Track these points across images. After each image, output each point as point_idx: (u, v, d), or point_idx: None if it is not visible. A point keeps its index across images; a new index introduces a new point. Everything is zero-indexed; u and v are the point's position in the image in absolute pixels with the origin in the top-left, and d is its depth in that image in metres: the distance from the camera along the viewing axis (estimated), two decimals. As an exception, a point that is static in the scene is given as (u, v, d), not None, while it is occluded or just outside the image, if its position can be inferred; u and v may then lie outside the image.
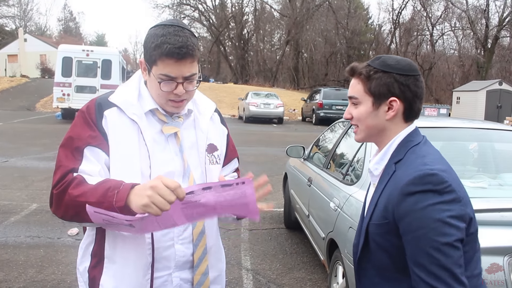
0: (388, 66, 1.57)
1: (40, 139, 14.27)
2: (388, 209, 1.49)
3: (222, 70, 58.94)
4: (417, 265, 1.41)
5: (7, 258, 5.05)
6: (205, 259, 1.81)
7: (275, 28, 55.91)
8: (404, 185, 1.43)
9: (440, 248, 1.38)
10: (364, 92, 1.60)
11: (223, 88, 35.34)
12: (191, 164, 1.77)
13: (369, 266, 1.62)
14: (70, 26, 75.22)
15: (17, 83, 34.12)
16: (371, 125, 1.61)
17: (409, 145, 1.57)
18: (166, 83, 1.63)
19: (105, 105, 1.70)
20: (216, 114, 1.95)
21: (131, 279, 1.69)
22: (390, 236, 1.50)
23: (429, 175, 1.42)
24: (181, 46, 1.58)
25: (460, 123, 4.16)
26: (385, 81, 1.56)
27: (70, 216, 1.57)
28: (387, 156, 1.61)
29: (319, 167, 4.92)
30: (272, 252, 5.54)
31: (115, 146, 1.66)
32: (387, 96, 1.57)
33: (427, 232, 1.38)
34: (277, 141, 16.14)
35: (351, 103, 1.65)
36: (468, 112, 26.08)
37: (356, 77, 1.63)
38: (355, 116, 1.63)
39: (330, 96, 24.52)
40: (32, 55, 45.44)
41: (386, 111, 1.59)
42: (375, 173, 1.64)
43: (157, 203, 1.38)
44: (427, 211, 1.39)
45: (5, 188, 8.14)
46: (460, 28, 43.07)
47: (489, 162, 3.91)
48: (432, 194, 1.40)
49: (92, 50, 20.23)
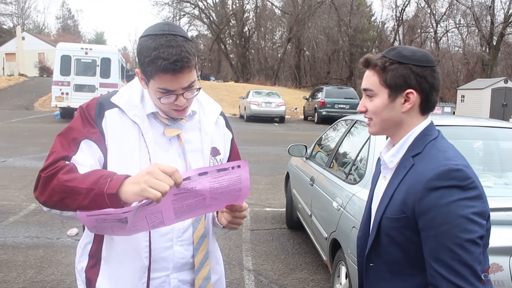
0: (404, 57, 1.53)
1: (38, 138, 14.24)
2: (407, 203, 1.46)
3: (223, 68, 58.97)
4: (437, 261, 1.39)
5: (6, 259, 5.01)
6: (207, 263, 1.78)
7: (276, 26, 55.86)
8: (429, 180, 1.41)
9: (463, 245, 1.36)
10: (380, 84, 1.56)
11: (224, 87, 35.35)
12: (196, 167, 1.72)
13: (379, 261, 1.59)
14: (68, 24, 75.23)
15: (15, 82, 34.14)
16: (386, 118, 1.57)
17: (427, 139, 1.54)
18: (166, 96, 1.60)
19: (107, 105, 1.68)
20: (221, 117, 1.92)
21: (126, 281, 1.66)
22: (406, 230, 1.48)
23: (454, 171, 1.41)
24: (175, 60, 1.51)
25: (465, 121, 4.09)
26: (401, 73, 1.53)
27: (54, 202, 1.50)
28: (404, 149, 1.57)
29: (322, 166, 4.86)
30: (274, 253, 5.48)
31: (115, 146, 1.63)
32: (404, 88, 1.53)
33: (450, 228, 1.37)
34: (278, 140, 16.11)
35: (366, 96, 1.61)
36: (473, 111, 26.00)
37: (371, 69, 1.58)
38: (370, 109, 1.59)
39: (333, 95, 24.47)
40: (30, 53, 45.55)
41: (402, 103, 1.55)
42: (390, 166, 1.60)
43: (154, 185, 1.32)
44: (451, 207, 1.38)
45: (3, 188, 8.10)
46: (465, 25, 43.00)
47: (494, 160, 3.87)
48: (457, 190, 1.39)
49: (91, 48, 20.19)
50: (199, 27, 57.55)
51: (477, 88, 27.96)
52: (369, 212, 1.72)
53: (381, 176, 1.70)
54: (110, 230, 1.44)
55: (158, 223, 1.49)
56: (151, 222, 1.47)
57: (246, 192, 1.52)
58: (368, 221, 1.71)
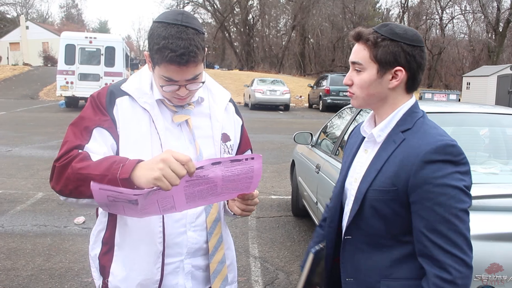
0: (396, 34, 1.56)
1: (44, 127, 14.29)
2: (399, 176, 1.49)
3: (227, 56, 58.78)
4: (434, 231, 1.44)
5: (14, 247, 5.06)
6: (221, 248, 1.80)
7: (280, 13, 55.49)
8: (426, 153, 1.46)
9: (458, 214, 1.44)
10: (370, 59, 1.57)
11: (228, 75, 35.26)
12: (207, 153, 1.75)
13: (358, 233, 1.61)
14: (72, 13, 74.91)
15: (20, 71, 34.13)
16: (372, 93, 1.60)
17: (415, 116, 1.59)
18: (169, 85, 1.61)
19: (117, 93, 1.70)
20: (230, 104, 1.92)
21: (141, 266, 1.69)
22: (393, 203, 1.51)
23: (450, 146, 1.47)
24: (182, 53, 1.52)
25: (471, 108, 4.07)
26: (392, 50, 1.55)
27: (69, 190, 1.52)
28: (392, 124, 1.61)
29: (327, 154, 4.87)
30: (280, 240, 5.51)
31: (126, 134, 1.65)
32: (393, 65, 1.56)
33: (447, 199, 1.43)
34: (283, 128, 16.10)
35: (353, 69, 1.63)
36: (479, 98, 25.83)
37: (361, 43, 1.60)
38: (357, 82, 1.61)
39: (337, 82, 24.33)
40: (34, 42, 45.49)
41: (389, 79, 1.58)
42: (378, 140, 1.62)
43: (168, 176, 1.34)
44: (447, 179, 1.44)
45: (10, 177, 8.15)
46: (471, 12, 42.62)
47: (500, 147, 3.86)
48: (451, 164, 1.46)
49: (95, 37, 20.16)
50: (203, 15, 57.21)
51: (483, 75, 27.76)
52: (342, 185, 1.74)
53: (361, 149, 1.72)
54: (121, 210, 1.45)
55: (169, 207, 1.50)
56: (162, 206, 1.48)
57: (257, 182, 1.53)
58: (340, 193, 1.74)
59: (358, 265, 1.63)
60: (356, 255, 1.63)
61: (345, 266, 1.68)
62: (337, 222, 1.75)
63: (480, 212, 2.64)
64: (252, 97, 23.83)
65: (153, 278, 1.70)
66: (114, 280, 1.73)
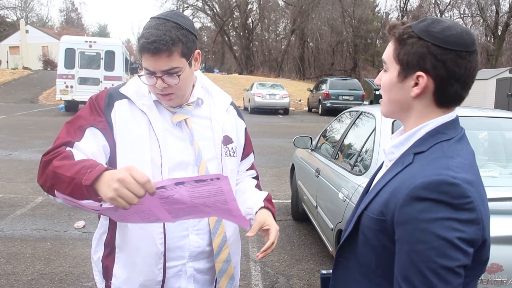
0: (427, 32, 1.26)
1: (43, 131, 14.29)
2: (389, 206, 1.22)
3: (227, 60, 58.86)
4: (405, 280, 1.17)
5: (14, 251, 5.06)
6: (226, 247, 1.81)
7: (280, 17, 55.64)
8: (415, 187, 1.16)
9: (438, 272, 1.13)
10: (393, 57, 1.32)
11: (227, 79, 35.30)
12: (207, 155, 1.77)
13: (352, 258, 1.38)
14: (72, 17, 75.07)
15: (20, 75, 34.16)
16: (394, 99, 1.34)
17: (438, 138, 1.28)
18: (147, 76, 1.65)
19: (116, 96, 1.72)
20: (232, 107, 1.94)
21: (142, 268, 1.70)
22: (382, 235, 1.25)
23: (448, 184, 1.15)
24: (153, 41, 1.57)
25: (470, 112, 4.08)
26: (416, 50, 1.26)
27: (47, 187, 1.51)
28: (409, 142, 1.33)
29: (327, 158, 4.88)
30: (280, 244, 5.51)
31: (124, 136, 1.68)
32: (415, 68, 1.27)
33: (427, 249, 1.13)
34: (283, 132, 16.11)
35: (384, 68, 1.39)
36: (478, 101, 25.80)
37: (391, 38, 1.34)
38: (382, 83, 1.37)
39: (337, 86, 24.39)
40: (34, 46, 45.53)
41: (412, 86, 1.29)
42: (390, 157, 1.38)
43: (124, 196, 1.28)
44: (433, 225, 1.13)
45: (10, 181, 8.15)
46: (470, 15, 42.67)
47: (499, 151, 3.88)
48: (445, 207, 1.13)
49: (95, 41, 20.18)
50: (202, 19, 57.39)
51: (482, 78, 27.78)
52: (361, 198, 1.50)
53: (383, 164, 1.47)
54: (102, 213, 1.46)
55: (154, 219, 1.46)
56: (145, 217, 1.43)
57: (235, 205, 1.41)
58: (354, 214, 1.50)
59: None
60: (347, 282, 1.40)
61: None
62: None
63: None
64: (252, 101, 23.85)
65: (155, 279, 1.71)
66: (117, 282, 1.74)
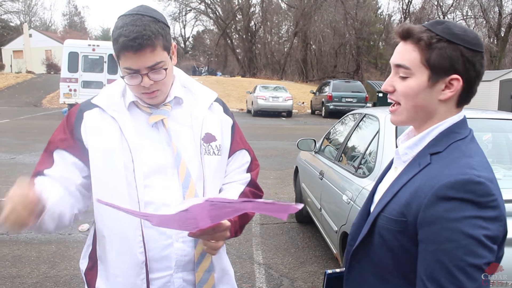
0: (454, 35, 1.28)
1: (47, 135, 14.01)
2: (411, 207, 1.24)
3: (229, 63, 58.92)
4: (432, 280, 1.18)
5: (19, 254, 5.08)
6: (208, 255, 1.68)
7: (282, 20, 55.70)
8: (442, 187, 1.19)
9: (466, 269, 1.15)
10: (421, 62, 1.30)
11: (230, 82, 35.33)
12: (187, 155, 1.68)
13: (366, 261, 1.39)
14: (75, 21, 75.30)
15: (23, 79, 34.30)
16: (420, 105, 1.33)
17: (453, 137, 1.32)
18: (130, 76, 1.57)
19: (86, 108, 1.70)
20: (217, 103, 1.83)
21: (124, 280, 1.63)
22: (402, 236, 1.27)
23: (474, 183, 1.18)
24: (135, 37, 1.49)
25: (473, 114, 4.08)
26: (449, 54, 1.28)
27: None
28: (423, 143, 1.35)
29: (331, 160, 4.88)
30: (284, 246, 5.51)
31: (95, 144, 1.63)
32: (449, 72, 1.29)
33: (455, 248, 1.16)
34: (286, 135, 16.11)
35: (396, 74, 1.36)
36: (481, 103, 25.76)
37: (411, 42, 1.32)
38: (402, 90, 1.33)
39: (340, 89, 24.39)
40: (38, 50, 45.75)
41: (442, 89, 1.31)
42: (403, 159, 1.39)
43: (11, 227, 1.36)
44: (460, 224, 1.16)
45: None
46: (472, 17, 42.61)
47: (503, 153, 3.87)
48: (472, 205, 1.17)
49: (98, 45, 20.24)
50: (205, 22, 57.69)
51: (485, 80, 27.67)
52: (369, 202, 1.53)
53: (393, 165, 1.49)
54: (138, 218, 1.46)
55: (192, 228, 1.46)
56: (183, 225, 1.45)
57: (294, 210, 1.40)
58: (366, 211, 1.52)
59: None
60: (361, 285, 1.42)
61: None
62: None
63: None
64: (255, 104, 23.86)
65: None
66: None
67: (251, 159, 1.88)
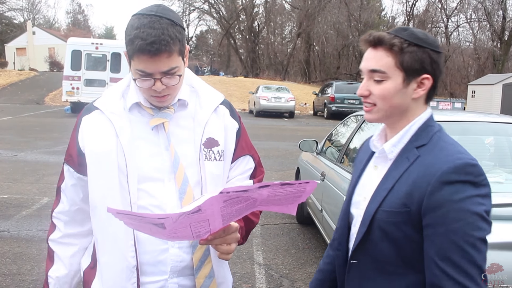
0: (420, 39, 1.42)
1: (49, 133, 14.35)
2: (412, 197, 1.35)
3: (232, 63, 58.92)
4: (446, 259, 1.30)
5: (20, 251, 5.08)
6: (208, 261, 1.65)
7: (286, 21, 55.68)
8: (444, 173, 1.32)
9: (475, 243, 1.29)
10: (396, 66, 1.42)
11: (233, 82, 35.33)
12: (186, 160, 1.63)
13: (365, 259, 1.47)
14: (78, 19, 75.27)
15: (26, 76, 34.33)
16: (395, 104, 1.45)
17: (431, 130, 1.46)
18: (143, 79, 1.53)
19: (87, 111, 1.68)
20: (223, 106, 1.76)
21: (114, 282, 1.62)
22: (405, 226, 1.37)
23: (471, 166, 1.33)
24: (153, 41, 1.45)
25: (476, 117, 4.08)
26: (420, 56, 1.41)
27: None
28: (405, 139, 1.47)
29: (333, 162, 4.88)
30: (284, 247, 5.51)
31: (91, 147, 1.62)
32: (420, 72, 1.42)
33: (463, 225, 1.29)
34: (288, 136, 16.11)
35: (370, 78, 1.47)
36: (484, 106, 25.77)
37: (383, 49, 1.44)
38: (378, 93, 1.45)
39: (342, 90, 24.37)
40: (41, 48, 45.75)
41: (415, 89, 1.44)
42: (390, 156, 1.48)
43: None
44: (465, 203, 1.29)
45: (16, 182, 8.19)
46: (476, 20, 42.64)
47: (506, 156, 3.87)
48: (470, 185, 1.31)
49: (102, 43, 20.28)
50: (208, 22, 57.62)
51: (488, 83, 27.72)
52: (348, 204, 1.60)
53: (370, 165, 1.58)
54: (148, 230, 1.39)
55: (204, 232, 1.42)
56: (196, 231, 1.40)
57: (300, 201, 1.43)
58: (347, 213, 1.60)
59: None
60: (363, 282, 1.50)
61: None
62: (346, 245, 1.59)
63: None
64: (257, 104, 23.87)
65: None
66: None
67: (255, 165, 1.83)
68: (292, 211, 1.46)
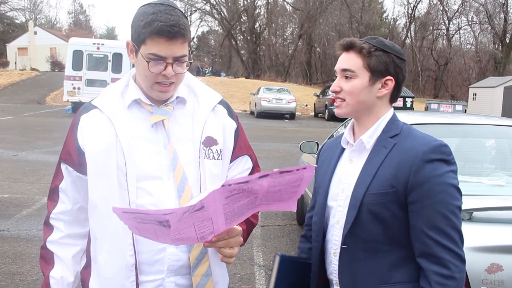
0: (387, 46, 1.65)
1: (50, 133, 14.36)
2: (398, 177, 1.55)
3: (234, 64, 58.95)
4: (434, 228, 1.51)
5: (20, 251, 5.09)
6: (205, 260, 1.65)
7: (287, 22, 55.75)
8: (425, 153, 1.54)
9: (455, 211, 1.52)
10: (363, 66, 1.63)
11: (234, 83, 35.34)
12: (185, 158, 1.64)
13: (354, 241, 1.62)
14: (80, 19, 75.33)
15: (27, 76, 34.40)
16: (362, 100, 1.66)
17: (398, 124, 1.68)
18: (155, 63, 1.54)
19: (85, 110, 1.69)
20: (221, 106, 1.77)
21: (113, 281, 1.62)
22: (392, 205, 1.56)
23: (444, 146, 1.57)
24: (173, 24, 1.50)
25: (477, 120, 4.07)
26: (385, 60, 1.63)
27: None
28: (378, 132, 1.67)
29: (333, 163, 4.86)
30: (284, 249, 5.51)
31: (91, 146, 1.62)
32: (384, 74, 1.64)
33: (445, 196, 1.52)
34: (289, 137, 16.10)
35: (343, 76, 1.67)
36: (485, 109, 25.75)
37: (354, 52, 1.65)
38: (347, 89, 1.66)
39: (343, 91, 24.37)
40: (42, 48, 45.80)
41: (379, 88, 1.65)
42: (368, 146, 1.67)
43: None
44: (444, 177, 1.53)
45: (16, 182, 8.20)
46: (478, 22, 42.67)
47: (507, 159, 3.86)
48: (445, 163, 1.55)
49: (103, 44, 20.35)
50: (210, 23, 57.63)
51: (489, 86, 27.71)
52: (325, 196, 1.74)
53: (344, 160, 1.74)
54: (153, 233, 1.38)
55: (208, 233, 1.42)
56: (200, 231, 1.39)
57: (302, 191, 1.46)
58: (324, 207, 1.74)
59: (356, 275, 1.62)
60: (353, 263, 1.62)
61: (343, 277, 1.66)
62: (322, 237, 1.73)
63: (486, 224, 2.64)
64: (258, 105, 23.87)
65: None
66: None
67: (253, 165, 1.84)
68: (292, 207, 1.48)
